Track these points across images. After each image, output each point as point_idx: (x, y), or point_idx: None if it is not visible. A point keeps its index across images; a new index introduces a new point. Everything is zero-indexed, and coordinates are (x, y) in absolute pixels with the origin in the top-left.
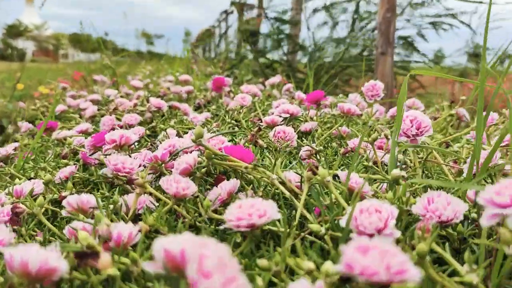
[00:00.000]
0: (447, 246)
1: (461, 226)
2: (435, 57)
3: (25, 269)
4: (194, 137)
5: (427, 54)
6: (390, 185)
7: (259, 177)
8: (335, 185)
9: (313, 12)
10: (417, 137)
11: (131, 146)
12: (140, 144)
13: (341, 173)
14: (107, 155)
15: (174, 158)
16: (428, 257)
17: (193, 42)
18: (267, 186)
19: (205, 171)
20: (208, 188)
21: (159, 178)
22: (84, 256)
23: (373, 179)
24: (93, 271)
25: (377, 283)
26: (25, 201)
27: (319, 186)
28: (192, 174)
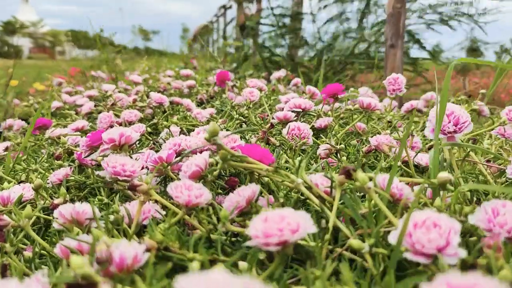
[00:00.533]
0: None
1: None
2: (433, 52)
3: None
4: (208, 135)
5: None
6: (435, 190)
7: (280, 181)
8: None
9: (320, 2)
10: (455, 134)
11: (132, 146)
12: (141, 143)
13: (378, 177)
14: (104, 156)
15: (181, 159)
16: None
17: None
18: (289, 191)
19: (217, 174)
20: (219, 192)
21: (164, 182)
22: None
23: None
24: None
25: None
26: (11, 210)
27: (351, 192)
28: (203, 178)
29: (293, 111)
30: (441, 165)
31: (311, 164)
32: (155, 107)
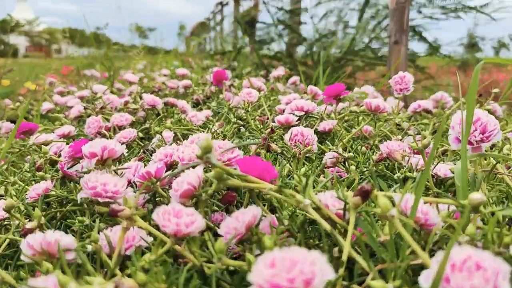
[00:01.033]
0: None
1: None
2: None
3: None
4: (200, 151)
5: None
6: (463, 213)
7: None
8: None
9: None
10: (481, 144)
11: (118, 159)
12: (131, 150)
13: (397, 196)
14: (85, 172)
15: (172, 175)
16: None
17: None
18: (294, 212)
19: (212, 193)
20: (215, 209)
21: (154, 198)
22: None
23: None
24: None
25: None
26: None
27: (367, 214)
28: (196, 197)
29: (295, 114)
30: (478, 181)
31: (317, 176)
32: (147, 109)
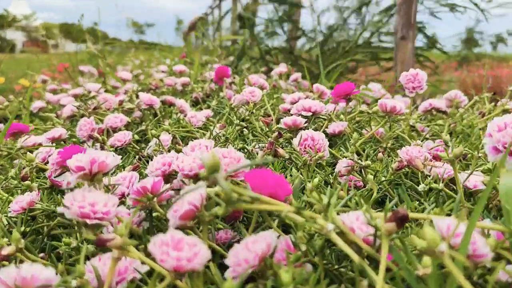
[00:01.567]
0: None
1: None
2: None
3: None
4: (206, 170)
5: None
6: None
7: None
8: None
9: None
10: None
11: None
12: (127, 155)
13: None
14: (71, 189)
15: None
16: None
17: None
18: (313, 236)
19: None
20: (220, 226)
21: (150, 215)
22: None
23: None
24: None
25: None
26: None
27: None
28: (198, 218)
29: (301, 115)
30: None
31: (330, 185)
32: (144, 109)
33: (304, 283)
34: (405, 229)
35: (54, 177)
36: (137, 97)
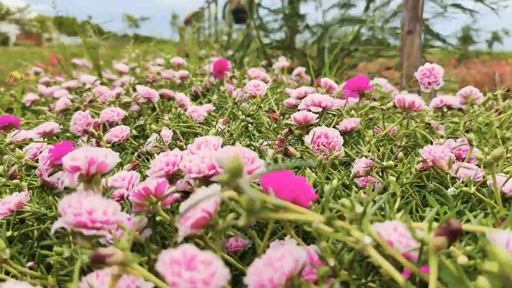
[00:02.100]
0: None
1: None
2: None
3: None
4: (228, 174)
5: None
6: None
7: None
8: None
9: None
10: None
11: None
12: (124, 152)
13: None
14: (69, 190)
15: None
16: None
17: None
18: (342, 249)
19: (231, 220)
20: (230, 233)
21: (153, 221)
22: None
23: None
24: None
25: None
26: None
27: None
28: (211, 226)
29: (309, 110)
30: None
31: (347, 187)
32: (142, 103)
33: None
34: None
35: (46, 178)
36: (134, 90)
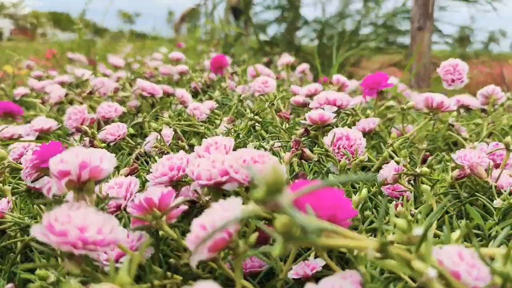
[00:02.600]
0: None
1: None
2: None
3: None
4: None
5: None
6: None
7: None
8: None
9: None
10: None
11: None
12: (121, 152)
13: None
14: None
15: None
16: None
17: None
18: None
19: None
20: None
21: (156, 239)
22: None
23: None
24: None
25: None
26: None
27: None
28: (231, 249)
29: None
30: None
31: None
32: (143, 97)
33: None
34: None
35: (30, 184)
36: (131, 85)
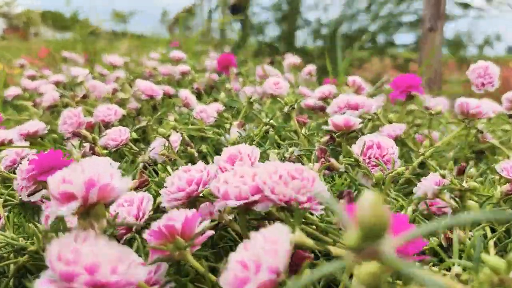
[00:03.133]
0: None
1: None
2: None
3: None
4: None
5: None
6: None
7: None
8: None
9: None
10: None
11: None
12: (124, 159)
13: None
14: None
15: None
16: None
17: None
18: None
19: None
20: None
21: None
22: None
23: None
24: None
25: None
26: None
27: None
28: None
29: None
30: None
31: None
32: (143, 100)
33: None
34: None
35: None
36: (130, 86)
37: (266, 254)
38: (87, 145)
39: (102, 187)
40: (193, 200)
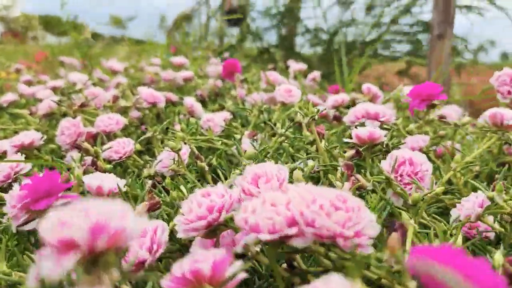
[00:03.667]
0: None
1: None
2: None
3: None
4: None
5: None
6: None
7: None
8: None
9: None
10: None
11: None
12: (128, 174)
13: None
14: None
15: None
16: None
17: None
18: None
19: None
20: None
21: None
22: None
23: None
24: None
25: None
26: None
27: None
28: None
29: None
30: None
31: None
32: (145, 108)
33: None
34: None
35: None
36: (132, 93)
37: None
38: (88, 159)
39: (113, 234)
40: (214, 228)
